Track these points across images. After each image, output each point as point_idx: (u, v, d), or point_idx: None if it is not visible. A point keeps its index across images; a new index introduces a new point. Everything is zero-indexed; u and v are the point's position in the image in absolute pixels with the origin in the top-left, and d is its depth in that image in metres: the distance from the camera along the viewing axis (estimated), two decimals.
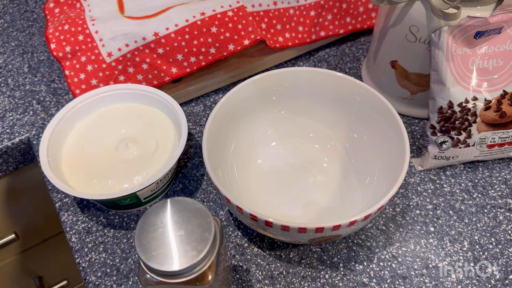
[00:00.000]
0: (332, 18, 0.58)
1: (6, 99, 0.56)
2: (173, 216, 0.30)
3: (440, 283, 0.41)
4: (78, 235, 0.44)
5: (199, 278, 0.30)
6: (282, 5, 0.55)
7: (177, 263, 0.29)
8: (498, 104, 0.44)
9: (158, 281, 0.30)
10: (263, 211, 0.36)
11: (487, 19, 0.41)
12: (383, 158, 0.43)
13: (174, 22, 0.49)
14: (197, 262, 0.29)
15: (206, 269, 0.30)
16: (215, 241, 0.30)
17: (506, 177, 0.47)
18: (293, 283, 0.41)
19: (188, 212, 0.31)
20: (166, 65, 0.51)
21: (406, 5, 0.44)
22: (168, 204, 0.31)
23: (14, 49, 0.62)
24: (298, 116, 0.49)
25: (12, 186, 0.61)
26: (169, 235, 0.30)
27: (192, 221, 0.30)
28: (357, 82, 0.44)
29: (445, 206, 0.46)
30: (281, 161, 0.48)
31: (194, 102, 0.56)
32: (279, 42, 0.56)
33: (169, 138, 0.46)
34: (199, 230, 0.30)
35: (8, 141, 0.52)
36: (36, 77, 0.58)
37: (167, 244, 0.29)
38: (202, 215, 0.31)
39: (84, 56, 0.49)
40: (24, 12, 0.67)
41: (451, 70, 0.43)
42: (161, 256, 0.29)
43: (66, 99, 0.56)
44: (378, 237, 0.44)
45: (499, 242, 0.43)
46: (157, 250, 0.29)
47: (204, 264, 0.30)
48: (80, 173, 0.44)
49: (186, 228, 0.30)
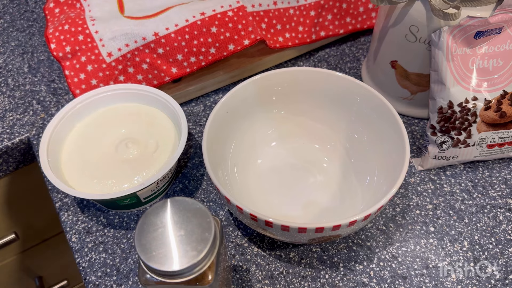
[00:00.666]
0: (332, 18, 0.58)
1: (6, 99, 0.56)
2: (173, 216, 0.30)
3: (440, 283, 0.41)
4: (78, 235, 0.44)
5: (199, 278, 0.30)
6: (282, 5, 0.55)
7: (177, 263, 0.29)
8: (498, 104, 0.44)
9: (158, 281, 0.30)
10: (263, 211, 0.36)
11: (487, 19, 0.41)
12: (383, 158, 0.43)
13: (174, 22, 0.49)
14: (197, 262, 0.29)
15: (206, 269, 0.30)
16: (215, 241, 0.30)
17: (506, 177, 0.47)
18: (293, 283, 0.41)
19: (188, 212, 0.31)
20: (166, 65, 0.51)
21: (406, 5, 0.44)
22: (168, 204, 0.31)
23: (14, 49, 0.62)
24: (298, 116, 0.49)
25: (12, 186, 0.61)
26: (169, 235, 0.30)
27: (192, 221, 0.30)
28: (357, 82, 0.44)
29: (445, 206, 0.46)
30: (281, 161, 0.48)
31: (194, 102, 0.56)
32: (279, 42, 0.56)
33: (169, 138, 0.46)
34: (199, 230, 0.30)
35: (8, 141, 0.52)
36: (36, 77, 0.58)
37: (167, 244, 0.29)
38: (202, 215, 0.31)
39: (84, 56, 0.49)
40: (24, 12, 0.67)
41: (451, 70, 0.43)
42: (161, 256, 0.29)
43: (66, 99, 0.56)
44: (378, 237, 0.44)
45: (499, 242, 0.43)
46: (157, 250, 0.29)
47: (204, 264, 0.30)
48: (80, 173, 0.44)
49: (186, 228, 0.30)
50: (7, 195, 0.62)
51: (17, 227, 0.67)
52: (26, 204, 0.66)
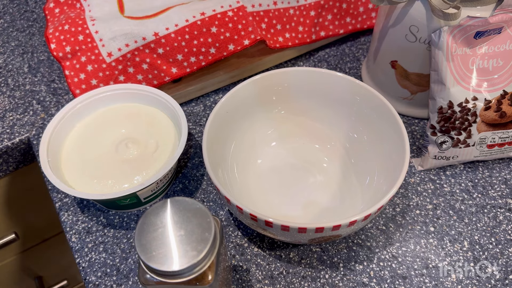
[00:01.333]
0: (332, 18, 0.58)
1: (6, 99, 0.56)
2: (173, 216, 0.30)
3: (440, 283, 0.41)
4: (78, 235, 0.44)
5: (199, 278, 0.30)
6: (282, 5, 0.55)
7: (177, 263, 0.29)
8: (498, 104, 0.44)
9: (158, 281, 0.30)
10: (263, 211, 0.36)
11: (487, 19, 0.41)
12: (383, 158, 0.43)
13: (174, 22, 0.49)
14: (197, 262, 0.29)
15: (206, 269, 0.30)
16: (215, 241, 0.30)
17: (506, 177, 0.47)
18: (293, 283, 0.41)
19: (188, 212, 0.31)
20: (166, 65, 0.51)
21: (406, 5, 0.44)
22: (168, 204, 0.31)
23: (14, 49, 0.62)
24: (298, 116, 0.49)
25: (12, 186, 0.61)
26: (169, 235, 0.30)
27: (192, 221, 0.30)
28: (357, 82, 0.44)
29: (445, 206, 0.46)
30: (281, 161, 0.48)
31: (194, 102, 0.56)
32: (279, 42, 0.56)
33: (169, 138, 0.46)
34: (199, 230, 0.30)
35: (8, 141, 0.52)
36: (36, 77, 0.58)
37: (167, 244, 0.29)
38: (202, 215, 0.31)
39: (84, 56, 0.49)
40: (24, 12, 0.67)
41: (451, 70, 0.43)
42: (161, 256, 0.29)
43: (66, 99, 0.56)
44: (378, 237, 0.44)
45: (499, 242, 0.43)
46: (157, 250, 0.29)
47: (204, 264, 0.30)
48: (80, 173, 0.44)
49: (186, 228, 0.30)
50: (7, 195, 0.62)
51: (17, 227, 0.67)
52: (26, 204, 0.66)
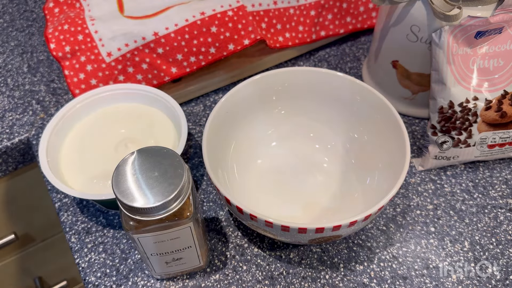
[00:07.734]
0: (332, 18, 0.58)
1: (5, 99, 0.56)
2: (144, 162, 0.32)
3: (441, 284, 0.40)
4: (77, 235, 0.44)
5: (178, 213, 0.32)
6: (282, 5, 0.55)
7: (159, 198, 0.31)
8: (499, 104, 0.44)
9: (143, 222, 0.31)
10: (263, 211, 0.36)
11: (487, 19, 0.40)
12: (383, 158, 0.43)
13: (174, 22, 0.49)
14: (177, 193, 0.31)
15: (184, 203, 0.32)
16: (188, 175, 0.33)
17: (507, 177, 0.47)
18: (293, 283, 0.41)
19: (157, 156, 0.33)
20: (166, 65, 0.51)
21: (407, 4, 0.44)
22: (135, 153, 0.33)
23: (14, 49, 0.62)
24: (298, 116, 0.49)
25: (11, 186, 0.61)
26: (145, 177, 0.32)
27: (163, 163, 0.32)
28: (357, 82, 0.44)
29: (446, 206, 0.45)
30: (281, 161, 0.48)
31: (194, 102, 0.55)
32: (279, 42, 0.56)
33: (169, 138, 0.46)
34: (171, 169, 0.32)
35: (7, 141, 0.52)
36: (35, 77, 0.58)
37: (145, 186, 0.31)
38: (172, 156, 0.33)
39: (83, 56, 0.49)
40: (23, 12, 0.67)
41: (451, 70, 0.43)
42: (142, 197, 0.31)
43: (65, 99, 0.56)
44: (378, 237, 0.44)
45: (499, 242, 0.43)
46: (138, 192, 0.31)
47: (183, 197, 0.32)
48: (80, 173, 0.44)
49: (159, 169, 0.32)
50: (6, 195, 0.62)
51: (16, 227, 0.67)
52: (26, 204, 0.66)
